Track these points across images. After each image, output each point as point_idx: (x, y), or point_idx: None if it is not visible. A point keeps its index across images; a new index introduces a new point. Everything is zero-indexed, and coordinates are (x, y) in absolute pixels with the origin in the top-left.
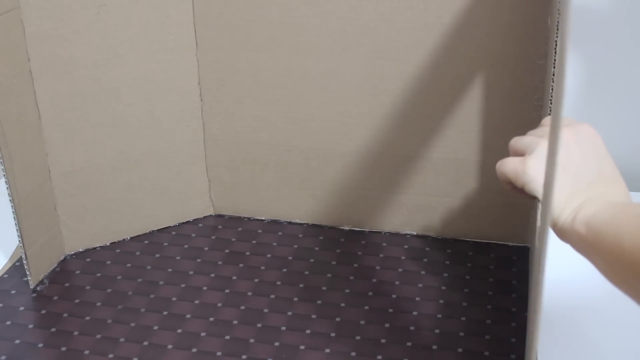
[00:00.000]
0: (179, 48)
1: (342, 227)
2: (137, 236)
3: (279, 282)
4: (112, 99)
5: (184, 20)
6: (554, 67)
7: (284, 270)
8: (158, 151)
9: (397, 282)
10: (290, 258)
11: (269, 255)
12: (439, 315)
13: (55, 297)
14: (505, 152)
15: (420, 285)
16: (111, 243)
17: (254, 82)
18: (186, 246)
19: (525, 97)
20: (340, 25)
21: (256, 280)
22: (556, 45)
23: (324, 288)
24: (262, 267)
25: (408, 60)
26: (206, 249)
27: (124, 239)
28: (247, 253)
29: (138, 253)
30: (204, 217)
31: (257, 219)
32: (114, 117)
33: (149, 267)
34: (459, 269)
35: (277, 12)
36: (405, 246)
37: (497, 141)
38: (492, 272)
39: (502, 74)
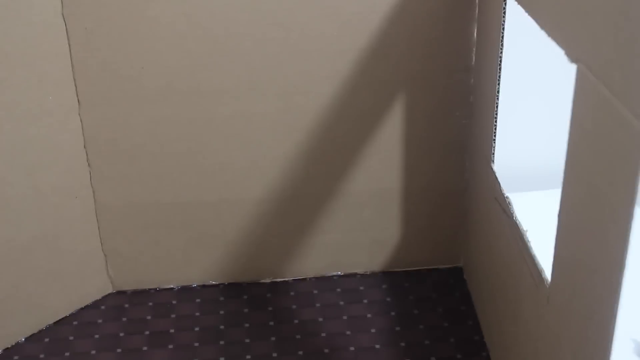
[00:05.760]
0: (59, 109)
1: (263, 281)
2: (32, 335)
3: (222, 358)
4: None
5: (62, 76)
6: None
7: (222, 342)
8: (47, 232)
9: (348, 332)
10: (222, 327)
11: (197, 329)
12: None
13: None
14: (431, 173)
15: (373, 330)
16: (4, 350)
17: (150, 137)
18: (97, 336)
19: (448, 114)
20: (246, 62)
21: None
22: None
23: (274, 354)
24: (196, 344)
25: (323, 92)
26: (122, 334)
27: (17, 342)
28: (172, 330)
29: (42, 356)
30: (103, 297)
31: (166, 289)
32: None
33: None
34: (403, 305)
35: (173, 55)
36: (338, 289)
37: (422, 164)
38: (437, 301)
39: (422, 94)
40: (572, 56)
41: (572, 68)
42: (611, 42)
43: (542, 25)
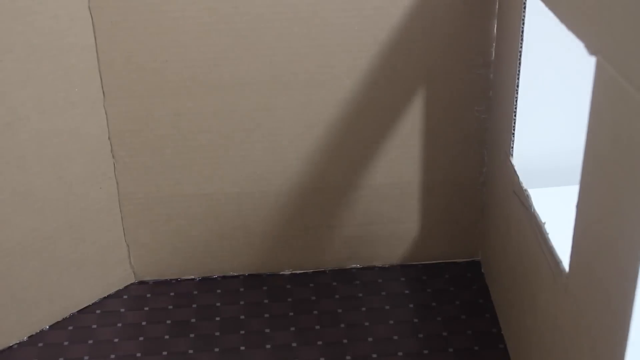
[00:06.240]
0: (85, 101)
1: (282, 273)
2: (56, 323)
3: (242, 347)
4: (17, 171)
5: (88, 68)
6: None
7: (242, 332)
8: (71, 222)
9: (366, 323)
10: (242, 317)
11: (217, 319)
12: (425, 351)
13: None
14: (450, 167)
15: (391, 322)
16: (29, 337)
17: (173, 129)
18: (119, 325)
19: (466, 108)
20: (268, 56)
21: (216, 349)
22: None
23: (294, 344)
24: (217, 333)
25: (344, 86)
26: (144, 323)
27: (42, 330)
28: (193, 320)
29: (66, 343)
30: (125, 286)
31: (187, 279)
32: (20, 190)
33: (86, 358)
34: (421, 297)
35: (196, 48)
36: (357, 282)
37: (441, 158)
38: (454, 294)
39: (442, 88)
40: (591, 49)
41: (592, 61)
42: (631, 34)
43: (561, 18)
